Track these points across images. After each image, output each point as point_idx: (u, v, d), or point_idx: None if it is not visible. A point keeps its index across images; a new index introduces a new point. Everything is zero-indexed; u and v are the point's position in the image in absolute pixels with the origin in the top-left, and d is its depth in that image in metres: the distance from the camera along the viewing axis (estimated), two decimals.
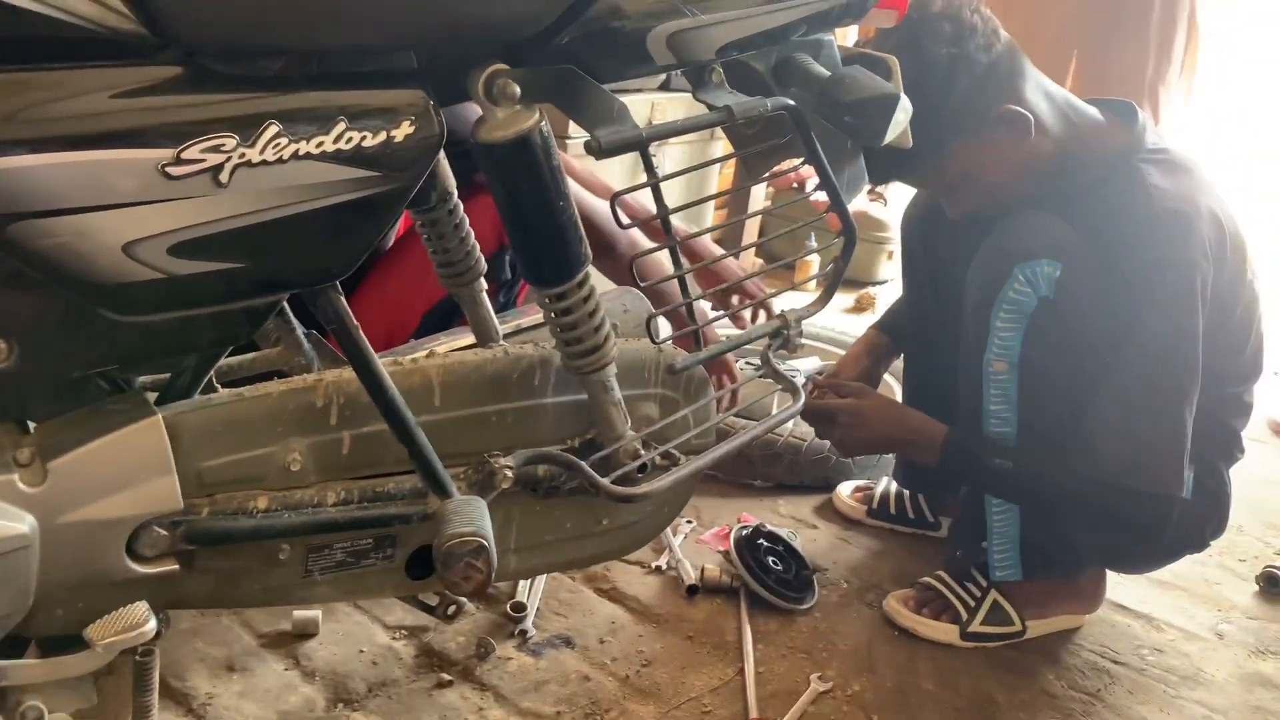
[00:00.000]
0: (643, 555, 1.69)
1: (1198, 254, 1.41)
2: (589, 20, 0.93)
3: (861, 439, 1.65)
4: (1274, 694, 1.56)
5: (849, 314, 3.18)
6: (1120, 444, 1.42)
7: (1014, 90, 1.46)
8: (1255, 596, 1.82)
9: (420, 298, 1.58)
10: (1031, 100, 1.47)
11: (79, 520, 0.87)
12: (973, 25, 1.43)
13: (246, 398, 0.97)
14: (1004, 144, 1.47)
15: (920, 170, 1.53)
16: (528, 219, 0.97)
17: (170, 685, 1.32)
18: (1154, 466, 1.42)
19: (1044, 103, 1.49)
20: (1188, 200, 1.43)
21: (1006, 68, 1.46)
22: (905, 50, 1.38)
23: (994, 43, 1.45)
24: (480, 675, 1.41)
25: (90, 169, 0.75)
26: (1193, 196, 1.44)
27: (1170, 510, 1.43)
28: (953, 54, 1.42)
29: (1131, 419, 1.42)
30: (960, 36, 1.42)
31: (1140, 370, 1.41)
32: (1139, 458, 1.42)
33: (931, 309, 1.79)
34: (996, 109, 1.45)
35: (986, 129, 1.46)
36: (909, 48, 1.39)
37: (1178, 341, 1.41)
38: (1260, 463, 2.31)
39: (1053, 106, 1.50)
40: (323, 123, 0.82)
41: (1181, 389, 1.42)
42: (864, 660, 1.53)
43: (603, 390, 1.07)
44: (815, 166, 1.12)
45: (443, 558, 0.94)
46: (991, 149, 1.48)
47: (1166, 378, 1.41)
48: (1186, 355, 1.41)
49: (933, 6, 1.44)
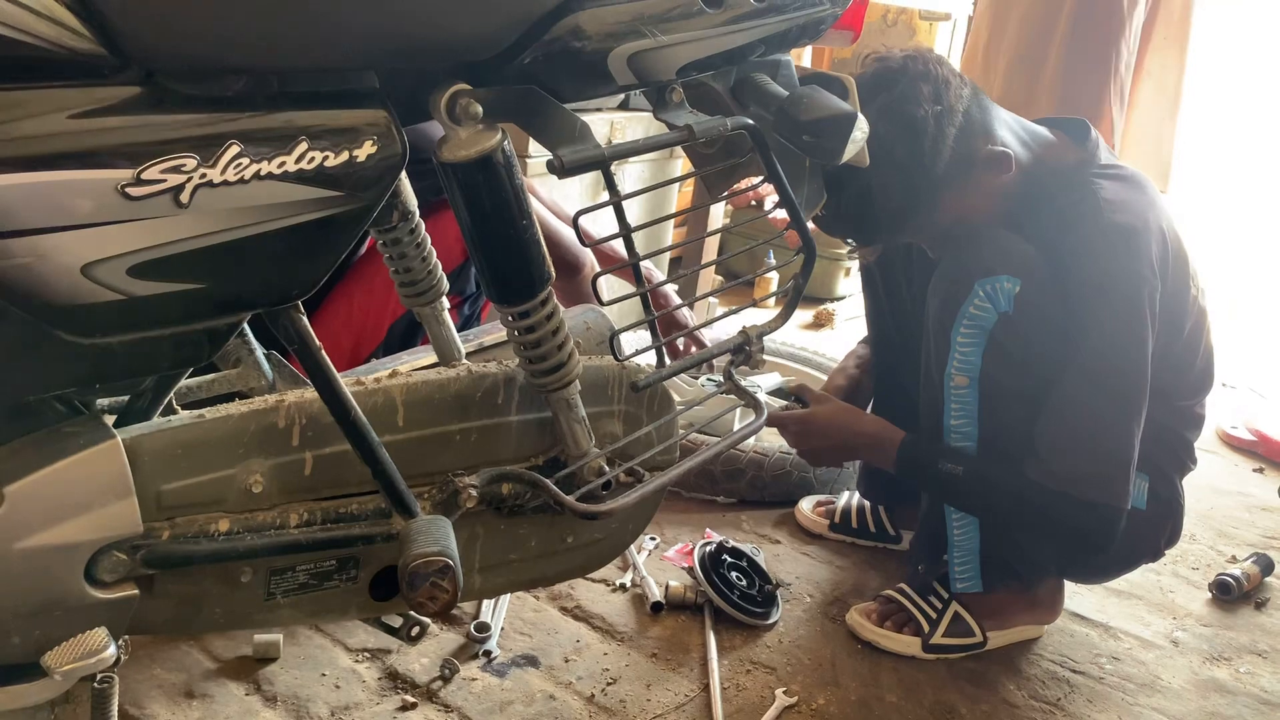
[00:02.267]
0: (607, 573, 1.69)
1: (1145, 268, 1.43)
2: (550, 41, 0.93)
3: (816, 447, 1.69)
4: (1229, 700, 1.59)
5: (808, 330, 3.20)
6: (1067, 455, 1.44)
7: (988, 130, 1.49)
8: (1208, 604, 1.86)
9: (386, 309, 1.58)
10: (1002, 136, 1.50)
11: (36, 545, 0.85)
12: (945, 78, 1.45)
13: (207, 419, 0.96)
14: (987, 183, 1.50)
15: (916, 225, 1.54)
16: (490, 238, 0.98)
17: (128, 713, 1.30)
18: (1100, 477, 1.44)
19: (1009, 135, 1.52)
20: (1137, 215, 1.46)
21: (977, 109, 1.49)
22: (888, 117, 1.40)
23: (963, 89, 1.47)
24: (444, 697, 1.40)
25: (48, 190, 0.74)
26: (1143, 211, 1.47)
27: (1117, 520, 1.45)
28: (937, 112, 1.44)
29: (1079, 430, 1.44)
30: (939, 93, 1.44)
31: (1088, 382, 1.43)
32: (1086, 469, 1.44)
33: (890, 324, 1.82)
34: (980, 152, 1.48)
35: (972, 172, 1.48)
36: (892, 114, 1.41)
37: (1125, 353, 1.43)
38: (1211, 473, 2.36)
39: (1014, 136, 1.53)
40: (284, 143, 0.82)
41: (1129, 400, 1.44)
42: (828, 674, 1.54)
43: (566, 408, 1.07)
44: (774, 185, 1.14)
45: (408, 578, 0.94)
46: (974, 190, 1.50)
47: (1114, 390, 1.43)
48: (1134, 367, 1.43)
49: (892, 64, 1.45)
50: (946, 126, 1.44)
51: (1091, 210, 1.46)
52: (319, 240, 0.87)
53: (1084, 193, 1.49)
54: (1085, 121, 1.59)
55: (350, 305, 1.57)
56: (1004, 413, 1.50)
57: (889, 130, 1.38)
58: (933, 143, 1.44)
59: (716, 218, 2.99)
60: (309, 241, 0.86)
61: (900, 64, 1.46)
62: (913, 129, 1.43)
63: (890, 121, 1.40)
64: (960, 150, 1.46)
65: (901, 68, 1.45)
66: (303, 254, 0.87)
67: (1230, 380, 2.96)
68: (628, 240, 1.07)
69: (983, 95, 1.51)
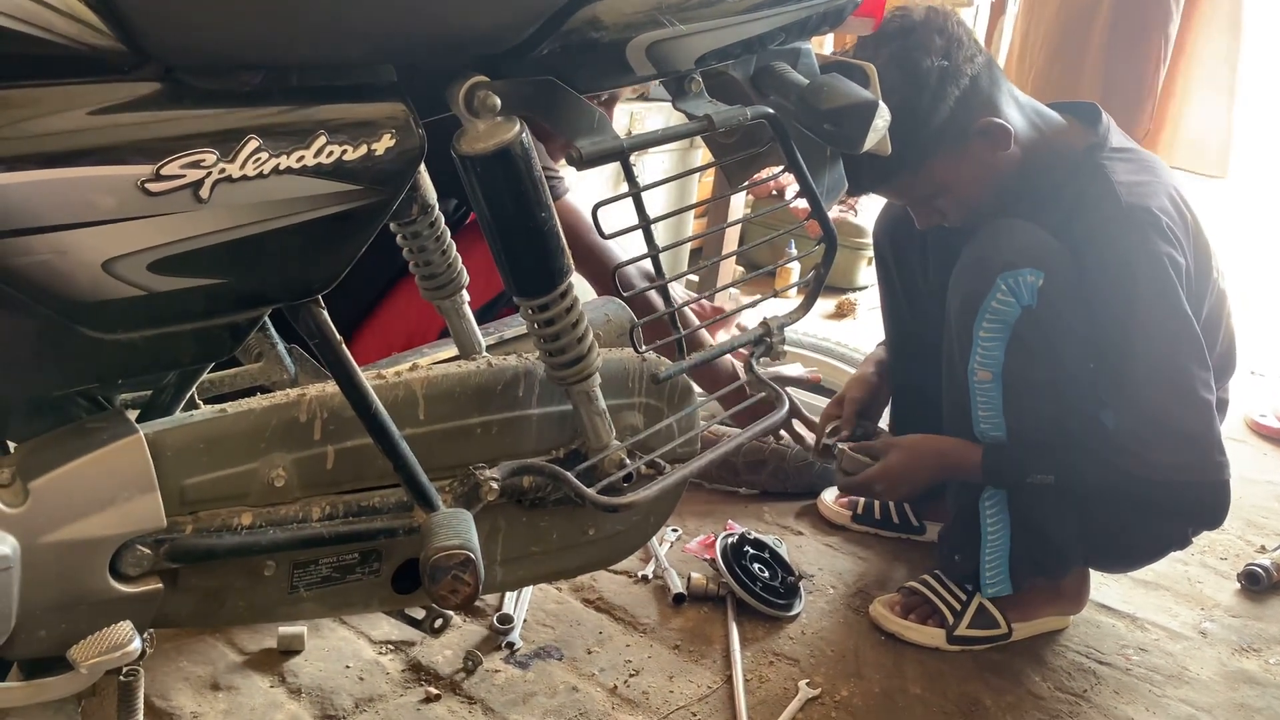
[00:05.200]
0: (629, 565, 1.69)
1: (1165, 244, 1.42)
2: (568, 32, 0.93)
3: (906, 491, 1.66)
4: (1258, 691, 1.57)
5: (830, 320, 3.19)
6: (1154, 445, 1.43)
7: (993, 103, 1.48)
8: (1237, 594, 1.84)
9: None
10: (1007, 112, 1.49)
11: (61, 540, 0.86)
12: (959, 38, 1.45)
13: (229, 414, 0.96)
14: (980, 156, 1.49)
15: (898, 182, 1.54)
16: (509, 230, 0.97)
17: (154, 705, 1.31)
18: (1198, 456, 1.44)
19: (1015, 113, 1.50)
20: (1152, 194, 1.45)
21: (987, 80, 1.47)
22: (896, 62, 1.40)
23: (976, 55, 1.46)
24: (468, 688, 1.40)
25: (69, 186, 0.75)
26: (1156, 192, 1.46)
27: (1225, 494, 1.46)
28: (943, 67, 1.43)
29: (1158, 418, 1.43)
30: (950, 49, 1.43)
31: (1147, 367, 1.42)
32: (1178, 455, 1.44)
33: (907, 316, 1.80)
34: (977, 122, 1.46)
35: (966, 141, 1.47)
36: (900, 60, 1.41)
37: (1171, 329, 1.42)
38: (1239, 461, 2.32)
39: (1022, 115, 1.51)
40: (303, 137, 0.82)
41: (1192, 373, 1.43)
42: (851, 665, 1.53)
43: (587, 400, 1.07)
44: (795, 174, 1.13)
45: (429, 571, 0.94)
46: (968, 161, 1.49)
47: (1174, 368, 1.43)
48: (1184, 339, 1.42)
49: (915, 16, 1.45)
50: (949, 85, 1.43)
51: (1106, 193, 1.45)
52: (338, 234, 0.87)
53: (1096, 176, 1.47)
54: (1096, 105, 1.58)
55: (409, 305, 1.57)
56: (1030, 405, 1.48)
57: (892, 76, 1.36)
58: (932, 97, 1.43)
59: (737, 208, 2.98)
60: (328, 236, 0.86)
61: (922, 16, 1.45)
62: (915, 78, 1.42)
63: (896, 68, 1.40)
64: (959, 115, 1.45)
65: (923, 20, 1.44)
66: (322, 248, 0.87)
67: (1260, 368, 2.92)
68: (647, 232, 1.06)
69: (997, 69, 1.50)
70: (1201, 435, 1.44)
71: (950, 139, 1.46)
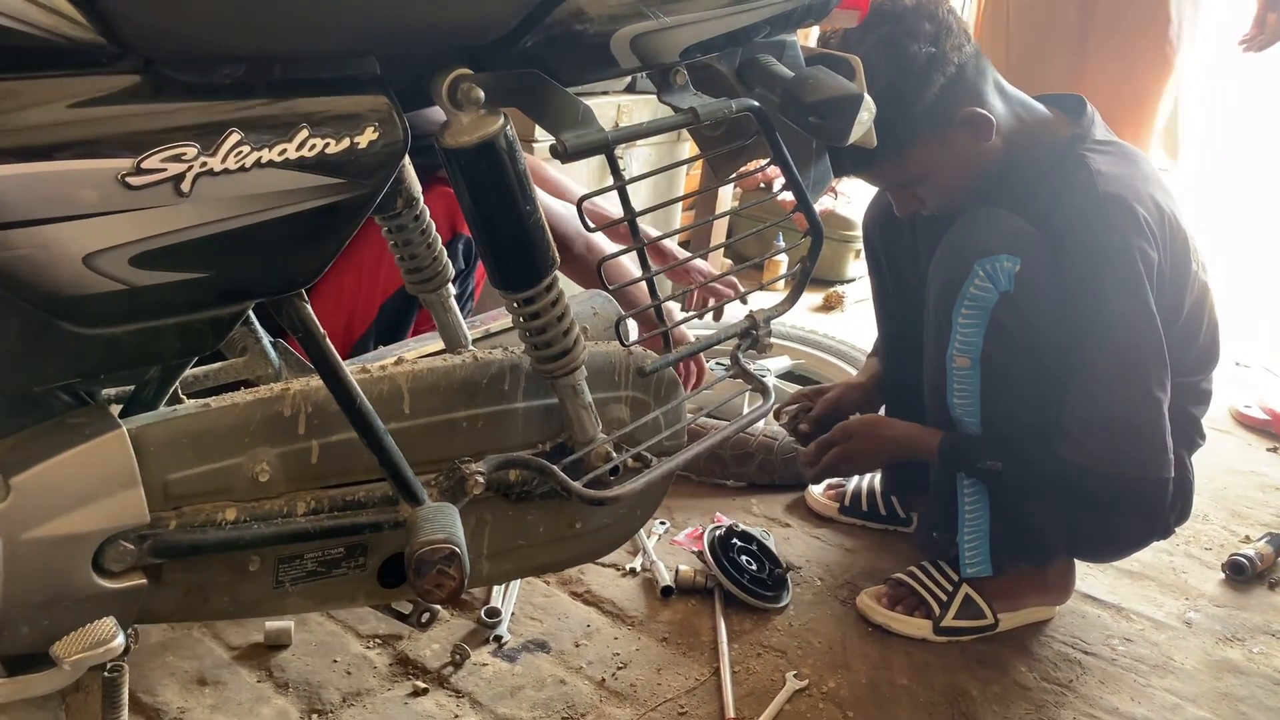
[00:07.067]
0: (617, 557, 1.69)
1: (1138, 237, 1.42)
2: (552, 24, 0.92)
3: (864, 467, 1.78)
4: (1242, 680, 1.58)
5: (817, 313, 3.19)
6: (1102, 435, 1.44)
7: (978, 93, 1.48)
8: (1221, 584, 1.85)
9: (377, 288, 1.58)
10: (991, 102, 1.49)
11: (44, 536, 0.85)
12: (949, 25, 1.45)
13: (213, 408, 0.96)
14: (963, 145, 1.49)
15: (879, 167, 1.54)
16: (494, 223, 0.97)
17: (141, 701, 1.31)
18: (1139, 452, 1.44)
19: (1000, 103, 1.51)
20: (1128, 186, 1.45)
21: (974, 70, 1.48)
22: (884, 46, 1.40)
23: (964, 43, 1.46)
24: (455, 682, 1.40)
25: (49, 180, 0.74)
26: (1134, 183, 1.47)
27: (1164, 491, 1.46)
28: (930, 53, 1.43)
29: (1108, 408, 1.44)
30: (939, 36, 1.43)
31: (1105, 357, 1.43)
32: (1123, 446, 1.44)
33: (895, 307, 1.81)
34: (962, 111, 1.47)
35: (949, 130, 1.48)
36: (888, 44, 1.41)
37: (1134, 322, 1.43)
38: (1224, 452, 2.35)
39: (1007, 106, 1.52)
40: (285, 130, 0.82)
41: (1148, 369, 1.44)
42: (839, 657, 1.54)
43: (573, 394, 1.07)
44: (781, 167, 1.13)
45: (415, 565, 0.93)
46: (950, 150, 1.49)
47: (1131, 362, 1.43)
48: (1146, 335, 1.43)
49: (907, 1, 1.45)
50: (934, 72, 1.43)
51: (1083, 182, 1.46)
52: (322, 228, 0.86)
53: (1076, 166, 1.48)
54: (1081, 97, 1.58)
55: (341, 286, 1.56)
56: (1006, 391, 1.49)
57: (879, 59, 1.36)
58: (917, 83, 1.43)
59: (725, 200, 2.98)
60: (312, 229, 0.86)
61: (914, 1, 1.45)
62: (901, 63, 1.42)
63: (884, 51, 1.40)
64: (944, 103, 1.45)
65: (914, 5, 1.44)
66: (306, 242, 0.87)
67: (1244, 359, 2.94)
68: (632, 224, 1.06)
69: (985, 60, 1.50)
70: (1146, 430, 1.44)
71: (933, 126, 1.47)
